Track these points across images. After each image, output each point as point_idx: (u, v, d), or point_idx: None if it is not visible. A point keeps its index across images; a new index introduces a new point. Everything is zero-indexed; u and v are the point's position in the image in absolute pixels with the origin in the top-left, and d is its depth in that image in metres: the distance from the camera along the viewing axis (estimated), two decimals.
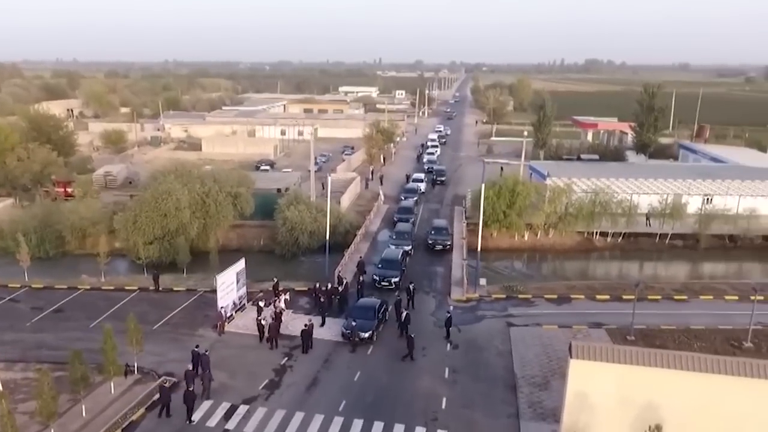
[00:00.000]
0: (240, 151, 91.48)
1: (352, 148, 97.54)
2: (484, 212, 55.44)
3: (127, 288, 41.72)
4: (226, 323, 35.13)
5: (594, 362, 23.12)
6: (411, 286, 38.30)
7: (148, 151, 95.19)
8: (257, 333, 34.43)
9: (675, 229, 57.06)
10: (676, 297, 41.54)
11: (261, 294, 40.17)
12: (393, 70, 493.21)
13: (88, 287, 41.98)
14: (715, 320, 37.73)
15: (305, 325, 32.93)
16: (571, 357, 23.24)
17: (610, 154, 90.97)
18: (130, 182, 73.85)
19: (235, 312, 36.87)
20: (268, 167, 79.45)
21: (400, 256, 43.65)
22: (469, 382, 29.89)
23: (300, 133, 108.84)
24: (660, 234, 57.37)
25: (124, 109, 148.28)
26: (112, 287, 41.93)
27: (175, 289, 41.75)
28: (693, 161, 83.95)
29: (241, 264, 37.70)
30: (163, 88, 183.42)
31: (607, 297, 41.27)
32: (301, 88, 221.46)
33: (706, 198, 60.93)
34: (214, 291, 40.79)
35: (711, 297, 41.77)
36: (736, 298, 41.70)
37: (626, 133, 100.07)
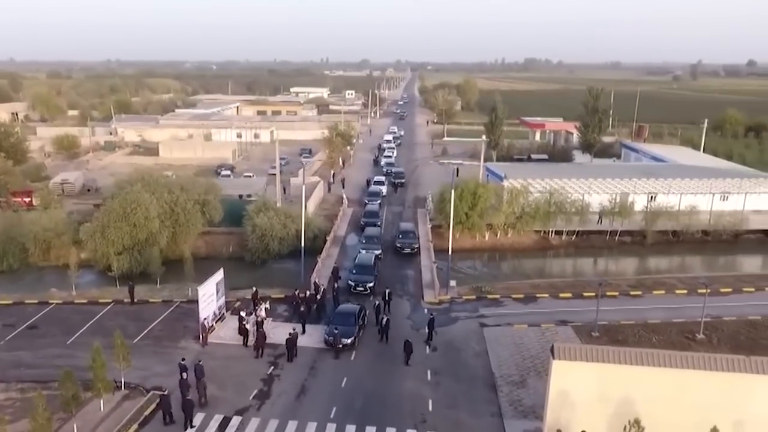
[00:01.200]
0: (198, 155, 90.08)
1: (310, 151, 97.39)
2: (447, 214, 56.75)
3: (101, 301, 40.86)
4: (208, 334, 34.97)
5: (574, 362, 24.38)
6: (387, 291, 38.95)
7: (104, 157, 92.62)
8: (240, 342, 34.55)
9: (624, 226, 59.63)
10: (632, 293, 43.61)
11: (239, 303, 40.09)
12: (340, 69, 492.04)
13: (60, 301, 40.90)
14: (669, 314, 39.82)
15: (290, 334, 33.17)
16: (553, 358, 24.42)
17: (558, 153, 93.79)
18: (88, 190, 71.93)
19: (216, 322, 36.73)
20: (229, 172, 78.61)
21: (373, 260, 44.28)
22: (451, 383, 30.82)
23: (256, 136, 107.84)
24: (610, 231, 59.83)
25: (71, 112, 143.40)
26: (84, 301, 41.01)
27: (150, 300, 41.15)
28: (635, 160, 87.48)
29: (219, 274, 37.54)
30: (111, 90, 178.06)
31: (570, 295, 42.97)
32: (251, 89, 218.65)
33: (650, 196, 63.79)
34: (191, 301, 40.79)
35: (663, 292, 44.02)
36: (685, 291, 44.08)
37: (571, 133, 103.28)
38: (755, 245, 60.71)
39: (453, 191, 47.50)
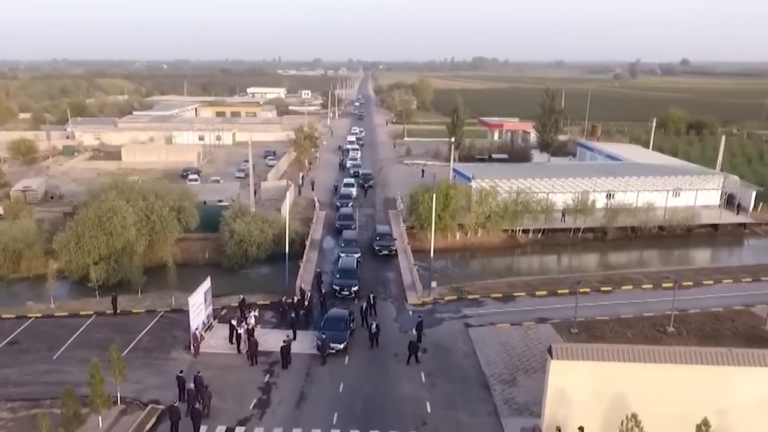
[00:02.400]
0: (162, 159, 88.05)
1: (274, 153, 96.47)
2: (420, 215, 57.43)
3: (82, 313, 39.69)
4: (198, 343, 34.48)
5: (571, 361, 25.19)
6: (371, 296, 39.18)
7: (64, 162, 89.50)
8: (231, 351, 34.27)
9: (586, 223, 61.51)
10: (602, 289, 45.06)
11: (225, 311, 39.67)
12: (293, 68, 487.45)
13: (39, 315, 39.55)
14: (639, 308, 41.38)
15: (284, 341, 33.06)
16: (552, 358, 25.15)
17: (517, 153, 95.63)
18: (51, 197, 69.56)
19: (204, 332, 36.25)
20: (196, 176, 77.13)
21: (355, 264, 44.44)
22: (446, 384, 31.34)
23: (218, 138, 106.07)
24: (574, 228, 61.62)
25: (23, 115, 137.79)
26: (65, 313, 39.76)
27: (134, 311, 40.24)
28: (590, 158, 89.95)
29: (207, 283, 37.04)
30: (62, 91, 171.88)
31: (545, 293, 44.09)
32: (207, 89, 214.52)
33: (609, 194, 65.89)
34: (175, 311, 40.25)
35: (631, 287, 45.66)
36: (651, 286, 45.84)
37: (528, 133, 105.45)
38: (705, 239, 63.59)
39: (435, 194, 47.85)
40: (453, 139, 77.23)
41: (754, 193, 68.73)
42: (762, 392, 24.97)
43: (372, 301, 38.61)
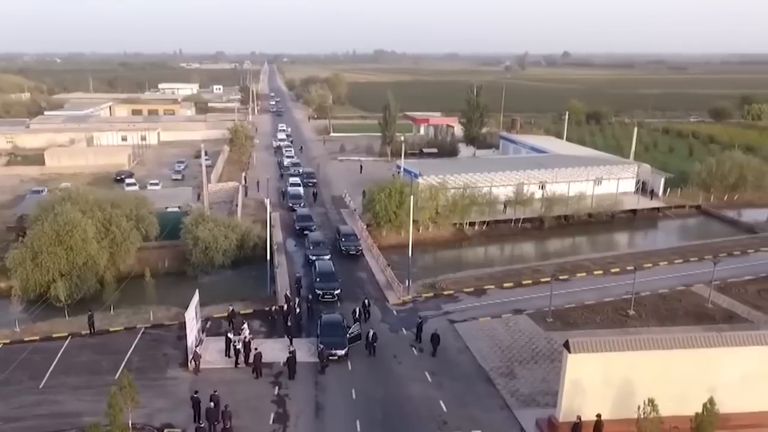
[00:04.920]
0: (90, 162, 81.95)
1: (206, 152, 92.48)
2: (377, 213, 57.48)
3: (55, 336, 36.59)
4: (199, 361, 32.79)
5: (587, 354, 26.38)
6: (366, 300, 38.92)
7: None
8: (229, 365, 33.04)
9: (525, 214, 64.01)
10: (561, 277, 47.13)
11: (209, 323, 38.00)
12: (195, 61, 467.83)
13: (7, 341, 36.03)
14: (599, 294, 43.71)
15: (290, 352, 32.18)
16: (570, 352, 26.21)
17: (445, 147, 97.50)
18: None
19: (197, 347, 34.56)
20: (133, 180, 72.66)
21: (333, 267, 43.85)
22: (451, 382, 31.79)
23: (143, 138, 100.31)
24: (514, 219, 63.96)
25: None
26: (36, 337, 36.49)
27: (111, 329, 37.62)
28: (513, 150, 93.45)
29: (196, 296, 35.26)
30: None
31: (512, 284, 45.56)
32: (114, 86, 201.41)
33: (542, 186, 68.76)
34: (155, 326, 38.14)
35: (584, 274, 48.10)
36: (601, 272, 48.56)
37: (452, 127, 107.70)
38: (626, 223, 67.93)
39: (412, 194, 47.86)
40: (402, 138, 77.20)
41: (663, 180, 74.24)
42: (744, 369, 27.36)
43: (368, 305, 38.33)
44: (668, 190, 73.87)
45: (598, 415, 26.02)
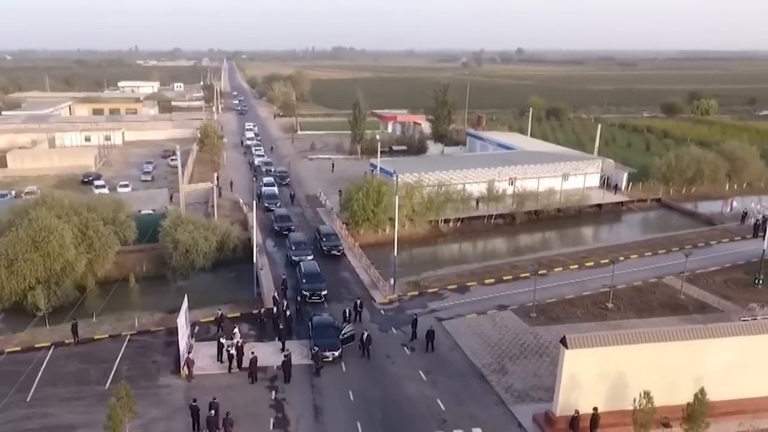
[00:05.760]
0: (55, 164, 78.80)
1: (174, 152, 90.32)
2: (354, 212, 57.17)
3: (37, 346, 35.11)
4: (192, 367, 31.98)
5: (583, 349, 26.81)
6: (358, 301, 38.64)
7: None
8: (222, 370, 32.33)
9: (498, 210, 64.70)
10: (540, 272, 47.74)
11: (197, 328, 37.10)
12: (152, 58, 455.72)
13: None
14: (577, 288, 44.52)
15: (284, 356, 31.70)
16: (566, 348, 26.60)
17: (414, 144, 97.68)
18: None
19: (189, 354, 33.69)
20: (102, 182, 70.26)
21: (318, 267, 43.37)
22: (446, 380, 31.87)
23: (108, 138, 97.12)
24: (487, 215, 64.55)
25: None
26: (17, 348, 34.95)
27: (95, 338, 36.34)
28: (480, 147, 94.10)
29: (185, 302, 34.35)
30: None
31: (493, 280, 46.00)
32: (71, 84, 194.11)
33: (511, 182, 69.61)
34: (141, 333, 37.08)
35: (561, 268, 48.92)
36: (577, 266, 49.48)
37: (419, 124, 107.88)
38: (593, 217, 69.43)
39: (396, 194, 47.65)
40: (378, 136, 76.88)
41: (625, 174, 76.13)
42: (728, 359, 28.28)
43: (360, 307, 38.06)
44: (630, 184, 75.80)
45: (595, 409, 26.53)
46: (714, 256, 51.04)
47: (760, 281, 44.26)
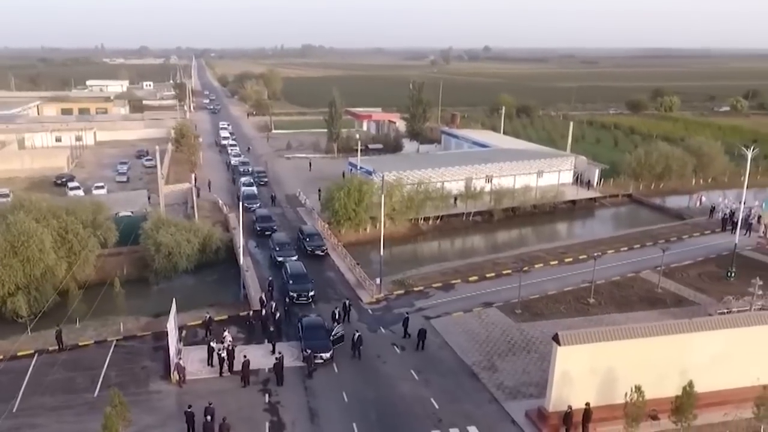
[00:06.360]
0: (26, 166, 76.24)
1: (147, 152, 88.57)
2: (336, 212, 56.78)
3: (20, 354, 33.93)
4: (183, 373, 31.26)
5: (575, 346, 27.08)
6: (347, 302, 38.36)
7: None
8: (213, 374, 31.78)
9: (476, 207, 65.05)
10: (519, 269, 48.12)
11: (184, 332, 36.35)
12: (119, 56, 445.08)
13: None
14: (558, 284, 44.95)
15: (276, 358, 31.29)
16: (559, 345, 26.83)
17: (390, 143, 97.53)
18: None
19: (179, 358, 32.97)
20: (76, 184, 68.31)
21: (304, 268, 42.92)
22: (438, 378, 31.88)
23: (79, 139, 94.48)
24: (465, 213, 64.86)
25: None
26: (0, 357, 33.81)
27: (80, 344, 35.29)
28: (455, 145, 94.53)
29: (174, 306, 33.61)
30: None
31: (476, 278, 46.20)
32: (37, 83, 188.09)
33: (488, 179, 70.03)
34: (127, 338, 36.22)
35: (542, 265, 49.39)
36: (556, 262, 50.03)
37: (394, 122, 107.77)
38: (568, 213, 70.30)
39: (384, 196, 47.42)
40: (357, 134, 76.44)
41: (597, 171, 77.38)
42: (712, 351, 28.90)
43: (348, 308, 37.77)
44: (602, 180, 77.05)
45: (587, 404, 26.83)
46: (687, 250, 52.17)
47: (733, 274, 45.39)
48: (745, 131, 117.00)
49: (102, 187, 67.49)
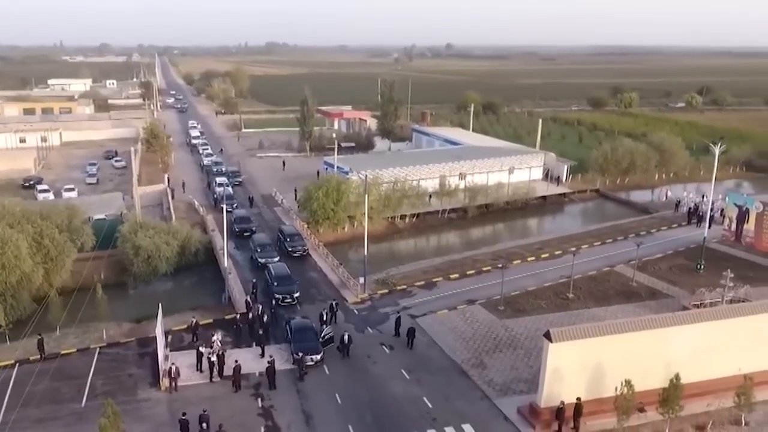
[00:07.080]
0: None
1: (116, 152, 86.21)
2: (314, 212, 56.23)
3: (1, 364, 32.58)
4: (174, 378, 30.43)
5: (566, 342, 27.37)
6: (333, 303, 37.97)
7: None
8: (203, 380, 31.09)
9: (451, 204, 65.30)
10: (499, 266, 48.43)
11: (170, 338, 35.45)
12: (79, 54, 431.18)
13: None
14: (536, 280, 45.41)
15: (268, 362, 30.75)
16: (551, 342, 27.07)
17: (362, 141, 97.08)
18: None
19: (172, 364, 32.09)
20: (45, 186, 65.89)
21: (288, 269, 42.32)
22: (429, 377, 31.85)
23: (44, 140, 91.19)
24: (441, 210, 65.04)
25: None
26: None
27: (63, 353, 34.06)
28: (426, 143, 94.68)
29: (160, 312, 32.69)
30: None
31: (457, 275, 46.31)
32: None
33: (461, 176, 70.28)
34: (111, 345, 35.15)
35: (519, 261, 49.85)
36: (534, 258, 50.56)
37: (365, 120, 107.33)
38: (539, 209, 71.11)
39: (367, 195, 47.02)
40: (335, 136, 75.74)
41: (566, 167, 78.58)
42: (694, 345, 29.60)
43: (335, 308, 37.38)
44: (570, 176, 78.29)
45: (578, 399, 27.19)
46: (656, 244, 53.37)
47: (702, 266, 46.67)
48: (701, 127, 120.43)
49: (72, 190, 65.26)
